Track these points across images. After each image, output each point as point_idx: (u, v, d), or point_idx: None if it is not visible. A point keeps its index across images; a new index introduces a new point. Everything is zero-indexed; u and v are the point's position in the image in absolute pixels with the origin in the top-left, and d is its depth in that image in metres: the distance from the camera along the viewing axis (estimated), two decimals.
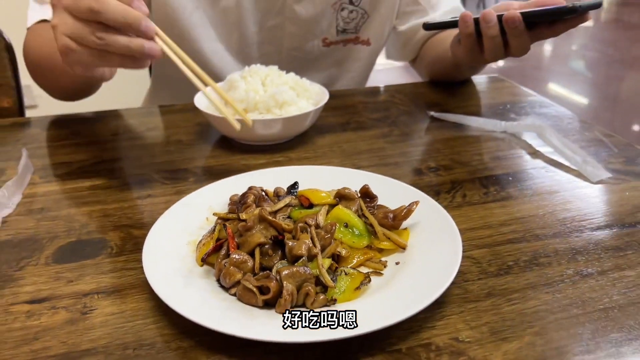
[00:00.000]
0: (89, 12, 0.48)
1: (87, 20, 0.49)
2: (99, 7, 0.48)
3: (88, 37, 0.49)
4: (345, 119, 0.78)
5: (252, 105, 0.66)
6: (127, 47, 0.50)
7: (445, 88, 0.90)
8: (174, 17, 0.83)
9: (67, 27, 0.50)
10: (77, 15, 0.49)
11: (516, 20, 0.63)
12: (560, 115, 0.78)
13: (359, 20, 0.91)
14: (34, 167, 0.63)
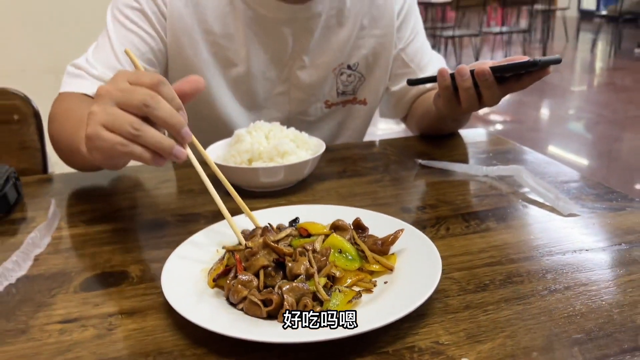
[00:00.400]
0: (142, 106, 0.50)
1: (129, 112, 0.51)
2: (153, 104, 0.50)
3: (125, 126, 0.51)
4: (342, 167, 0.86)
5: (257, 155, 0.74)
6: (160, 142, 0.51)
7: (433, 140, 0.98)
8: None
9: (105, 114, 0.51)
10: (126, 108, 0.51)
11: (486, 73, 0.73)
12: (538, 161, 0.86)
13: (357, 83, 1.01)
14: (60, 215, 0.71)
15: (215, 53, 0.92)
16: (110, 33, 0.86)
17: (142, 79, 0.52)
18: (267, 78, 0.95)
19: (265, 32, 0.91)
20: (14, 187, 0.74)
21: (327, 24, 0.94)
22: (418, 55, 1.03)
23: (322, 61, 0.96)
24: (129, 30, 0.86)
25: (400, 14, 1.00)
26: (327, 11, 0.93)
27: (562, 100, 5.14)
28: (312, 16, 0.92)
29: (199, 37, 0.90)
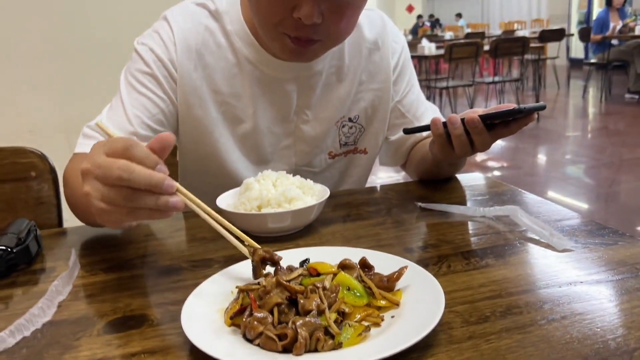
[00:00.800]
0: (119, 180, 0.53)
1: (116, 186, 0.55)
2: (127, 176, 0.53)
3: (119, 201, 0.55)
4: (346, 212, 0.90)
5: (266, 201, 0.78)
6: (155, 204, 0.55)
7: (432, 185, 1.02)
8: (202, 139, 0.97)
9: (99, 194, 0.56)
10: (107, 183, 0.55)
11: (475, 121, 0.79)
12: (532, 202, 0.90)
13: (357, 134, 1.06)
14: (79, 264, 0.74)
15: (223, 112, 0.97)
16: (123, 96, 0.91)
17: (115, 147, 0.55)
18: (273, 133, 1.00)
19: (270, 90, 0.97)
20: (35, 240, 0.78)
21: (328, 81, 1.00)
22: (414, 107, 1.09)
23: (324, 115, 1.02)
24: (140, 93, 0.91)
25: (396, 69, 1.07)
26: (327, 69, 1.00)
27: (558, 146, 5.23)
28: (313, 74, 0.98)
29: (208, 97, 0.95)
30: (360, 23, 1.02)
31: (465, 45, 5.79)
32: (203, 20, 0.95)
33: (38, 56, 1.93)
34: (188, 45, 0.93)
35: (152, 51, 0.93)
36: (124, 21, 1.96)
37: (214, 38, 0.95)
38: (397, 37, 1.08)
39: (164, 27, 0.94)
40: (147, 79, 0.92)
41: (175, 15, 0.95)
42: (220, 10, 0.95)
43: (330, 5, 0.79)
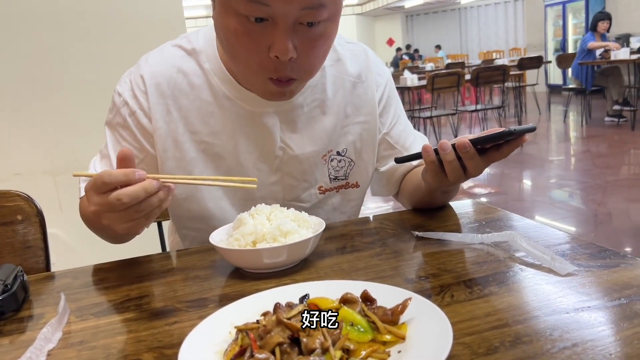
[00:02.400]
0: (123, 205, 0.68)
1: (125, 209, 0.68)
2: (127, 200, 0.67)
3: (134, 216, 0.69)
4: (342, 244, 0.88)
5: (261, 236, 0.77)
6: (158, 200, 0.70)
7: (426, 213, 1.01)
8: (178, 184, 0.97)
9: (116, 221, 0.71)
10: (116, 211, 0.69)
11: (466, 145, 0.78)
12: (528, 226, 0.89)
13: (347, 167, 1.05)
14: (69, 310, 0.71)
15: (203, 150, 0.97)
16: (109, 147, 0.97)
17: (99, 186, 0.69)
18: (259, 170, 0.99)
19: (251, 126, 0.96)
20: (21, 286, 0.75)
21: (311, 114, 1.00)
22: (402, 137, 1.09)
23: (310, 149, 1.00)
24: (121, 145, 0.96)
25: (381, 101, 1.07)
26: (309, 102, 0.99)
27: (542, 170, 5.29)
28: (294, 107, 0.98)
29: (185, 139, 0.96)
30: (343, 57, 1.03)
31: (447, 75, 5.89)
32: (177, 62, 0.96)
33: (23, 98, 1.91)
34: (160, 91, 0.94)
35: (126, 105, 0.95)
36: (108, 62, 1.96)
37: (187, 79, 0.95)
38: (381, 69, 1.09)
39: (136, 75, 0.96)
40: (125, 132, 0.97)
41: (149, 61, 0.97)
42: (197, 49, 0.96)
43: (302, 38, 0.81)
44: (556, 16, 11.95)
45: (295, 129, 0.99)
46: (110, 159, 0.96)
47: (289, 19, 0.78)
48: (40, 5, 1.87)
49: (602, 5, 10.58)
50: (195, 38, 0.97)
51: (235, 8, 0.78)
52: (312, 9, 0.78)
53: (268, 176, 1.00)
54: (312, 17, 0.79)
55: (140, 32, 1.99)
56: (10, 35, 1.85)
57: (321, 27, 0.82)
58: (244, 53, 0.83)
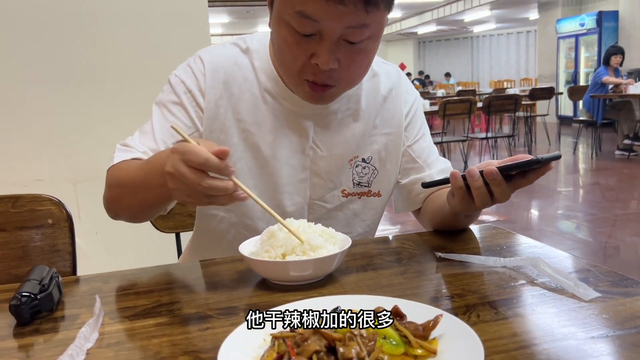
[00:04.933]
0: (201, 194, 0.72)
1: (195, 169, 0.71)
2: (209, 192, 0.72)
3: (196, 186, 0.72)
4: (365, 262, 0.90)
5: (290, 249, 0.79)
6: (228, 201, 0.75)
7: (446, 235, 1.03)
8: None
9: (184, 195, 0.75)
10: (189, 164, 0.71)
11: (494, 173, 0.81)
12: (549, 253, 0.91)
13: (371, 175, 1.10)
14: (104, 311, 0.73)
15: (245, 139, 1.03)
16: (154, 123, 1.01)
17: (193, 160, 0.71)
18: (291, 165, 1.05)
19: (289, 123, 1.04)
20: (57, 286, 0.78)
21: (344, 121, 1.07)
22: (425, 153, 1.13)
23: (338, 152, 1.07)
24: (169, 122, 1.00)
25: (408, 116, 1.13)
26: (343, 111, 1.06)
27: (552, 201, 5.29)
28: (329, 113, 1.05)
29: (231, 124, 1.02)
30: (378, 73, 1.11)
31: (459, 102, 5.94)
32: (234, 56, 1.04)
33: (48, 104, 1.96)
34: (217, 77, 1.02)
35: (183, 83, 1.02)
36: (133, 75, 2.01)
37: (242, 72, 1.03)
38: (410, 89, 1.16)
39: (196, 61, 1.04)
40: (176, 109, 1.01)
41: (210, 51, 1.06)
42: (251, 49, 1.05)
43: (345, 53, 0.89)
44: (568, 48, 12.04)
45: (327, 132, 1.06)
46: (153, 134, 0.99)
47: (334, 35, 0.86)
48: (70, 15, 1.93)
49: (615, 40, 10.67)
50: (250, 39, 1.07)
51: (288, 20, 0.86)
52: (357, 28, 0.86)
53: (297, 173, 1.06)
54: (355, 36, 0.87)
55: (165, 47, 2.04)
56: (37, 43, 1.91)
57: (363, 44, 0.89)
58: (289, 58, 0.91)
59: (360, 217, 1.12)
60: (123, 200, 0.95)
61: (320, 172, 1.06)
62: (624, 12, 10.61)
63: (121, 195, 0.95)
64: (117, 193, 0.96)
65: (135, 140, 1.00)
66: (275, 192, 1.05)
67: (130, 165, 0.93)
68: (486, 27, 18.09)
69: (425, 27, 17.13)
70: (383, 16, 0.88)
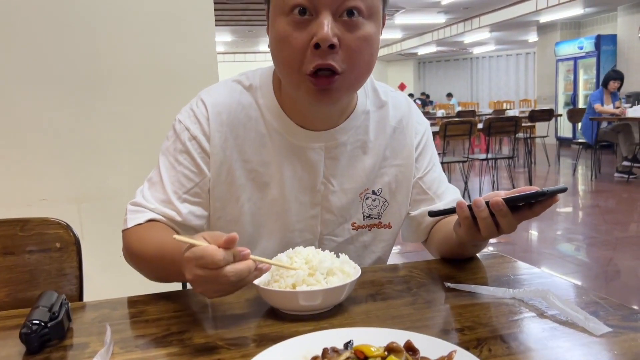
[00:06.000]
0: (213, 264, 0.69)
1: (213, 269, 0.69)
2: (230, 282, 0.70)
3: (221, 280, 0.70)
4: (374, 290, 0.90)
5: (300, 280, 0.79)
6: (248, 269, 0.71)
7: (454, 264, 1.04)
8: (229, 204, 1.03)
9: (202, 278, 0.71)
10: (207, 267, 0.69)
11: (500, 204, 0.82)
12: (558, 284, 0.91)
13: (381, 207, 1.09)
14: (113, 340, 0.73)
15: (252, 178, 1.03)
16: (162, 173, 1.01)
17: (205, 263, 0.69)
18: (301, 202, 1.04)
19: (297, 159, 1.03)
20: (66, 314, 0.78)
21: (353, 153, 1.06)
22: (435, 184, 1.13)
23: (349, 186, 1.06)
24: (177, 171, 1.00)
25: (418, 147, 1.12)
26: (352, 142, 1.05)
27: (552, 222, 5.28)
28: (338, 145, 1.04)
29: (237, 166, 1.02)
30: (386, 103, 1.10)
31: (459, 123, 5.98)
32: (236, 96, 1.03)
33: (54, 124, 1.96)
34: (220, 120, 1.01)
35: (187, 130, 1.01)
36: (140, 96, 2.03)
37: (245, 111, 1.02)
38: (421, 119, 1.15)
39: (199, 105, 1.03)
40: (182, 157, 1.01)
41: (211, 92, 1.04)
42: (254, 85, 1.04)
43: (343, 30, 0.87)
44: (567, 71, 12.14)
45: (338, 166, 1.05)
46: (163, 185, 0.99)
47: (330, 10, 0.86)
48: (79, 35, 1.95)
49: (613, 63, 10.77)
50: (252, 76, 1.06)
51: (282, 8, 0.87)
52: None
53: (308, 209, 1.05)
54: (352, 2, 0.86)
55: (172, 67, 2.06)
56: (43, 62, 1.92)
57: (360, 23, 0.88)
58: (289, 49, 0.88)
59: (371, 249, 1.12)
60: (143, 271, 0.98)
61: (332, 208, 1.06)
62: (622, 36, 10.73)
63: (140, 268, 0.97)
64: (136, 265, 0.98)
65: (146, 194, 1.00)
66: (285, 231, 1.05)
67: (147, 244, 0.94)
68: (486, 49, 18.27)
69: (425, 48, 17.29)
70: None
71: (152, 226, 0.96)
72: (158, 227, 0.96)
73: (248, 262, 0.71)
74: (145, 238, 0.94)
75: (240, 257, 0.71)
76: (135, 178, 1.20)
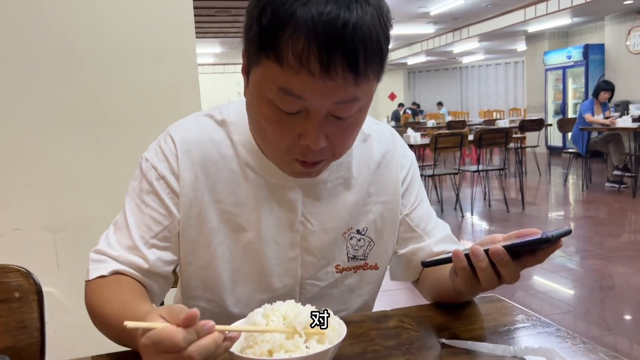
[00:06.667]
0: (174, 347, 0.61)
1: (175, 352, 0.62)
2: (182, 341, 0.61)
3: None
4: (362, 348, 0.82)
5: (278, 346, 0.71)
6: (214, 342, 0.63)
7: (449, 311, 0.96)
8: (200, 248, 0.94)
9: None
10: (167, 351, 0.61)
11: (500, 253, 0.75)
12: (563, 336, 0.84)
13: (367, 247, 1.02)
14: None
15: (225, 220, 0.94)
16: (128, 217, 0.92)
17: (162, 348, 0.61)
18: (279, 244, 0.96)
19: (274, 198, 0.95)
20: None
21: (334, 191, 0.98)
22: (423, 221, 1.05)
23: (331, 225, 0.98)
24: (144, 214, 0.92)
25: (404, 182, 1.05)
26: (332, 179, 0.98)
27: None
28: (317, 183, 0.96)
29: (209, 207, 0.93)
30: (370, 136, 1.03)
31: (450, 135, 5.93)
32: (208, 131, 0.95)
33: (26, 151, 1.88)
34: (191, 157, 0.93)
35: (154, 169, 0.93)
36: (117, 119, 1.94)
37: (218, 148, 0.94)
38: (406, 152, 1.08)
39: (167, 142, 0.95)
40: (149, 198, 0.92)
41: (181, 127, 0.96)
42: (227, 121, 0.96)
43: (333, 128, 0.80)
44: (556, 80, 12.19)
45: (317, 204, 0.97)
46: (129, 230, 0.91)
47: (322, 112, 0.77)
48: (51, 57, 1.86)
49: (602, 72, 10.82)
50: (226, 110, 0.97)
51: (269, 97, 0.78)
52: (346, 102, 0.77)
53: (287, 251, 0.97)
54: (345, 111, 0.79)
55: (152, 88, 1.98)
56: (17, 86, 1.84)
57: (352, 118, 0.82)
58: (274, 137, 0.82)
59: (357, 293, 1.04)
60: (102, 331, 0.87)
61: (312, 249, 0.98)
62: (609, 45, 10.79)
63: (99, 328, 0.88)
64: (95, 323, 0.88)
65: (110, 239, 0.92)
66: (262, 276, 0.97)
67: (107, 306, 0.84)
68: (475, 58, 18.34)
69: (415, 58, 17.32)
70: (372, 87, 0.80)
71: (116, 282, 0.87)
72: (122, 286, 0.87)
73: (213, 335, 0.63)
74: (106, 298, 0.85)
75: (205, 331, 0.63)
76: (113, 205, 1.11)
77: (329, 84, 0.73)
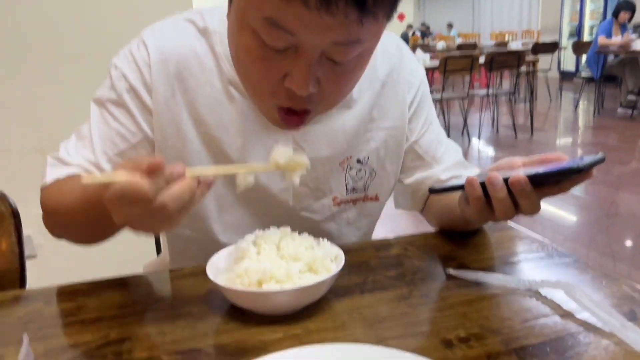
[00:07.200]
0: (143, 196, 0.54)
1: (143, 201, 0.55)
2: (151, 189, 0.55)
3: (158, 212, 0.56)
4: (361, 278, 0.75)
5: (268, 276, 0.64)
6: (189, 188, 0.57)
7: (456, 240, 0.88)
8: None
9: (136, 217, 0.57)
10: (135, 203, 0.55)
11: (522, 183, 0.64)
12: (581, 268, 0.76)
13: (367, 178, 0.92)
14: (34, 354, 0.59)
15: (208, 144, 0.84)
16: (92, 128, 0.81)
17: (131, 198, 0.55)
18: (268, 173, 0.86)
19: (262, 123, 0.83)
20: None
21: (330, 114, 0.85)
22: (432, 147, 0.95)
23: (327, 153, 0.87)
24: (110, 127, 0.81)
25: (412, 105, 0.93)
26: None
27: None
28: None
29: (189, 127, 0.83)
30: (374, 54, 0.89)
31: (460, 58, 5.69)
32: (188, 39, 0.82)
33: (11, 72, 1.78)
34: (166, 68, 0.81)
35: (124, 78, 0.81)
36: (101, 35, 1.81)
37: (199, 59, 0.82)
38: (415, 69, 0.94)
39: (140, 48, 0.82)
40: (117, 111, 0.81)
41: (156, 33, 0.83)
42: (210, 29, 0.82)
43: (327, 73, 0.68)
44: None
45: (312, 128, 0.85)
46: (92, 143, 0.80)
47: (315, 53, 0.65)
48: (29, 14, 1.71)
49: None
50: (209, 16, 0.83)
51: (253, 27, 0.65)
52: (346, 45, 0.65)
53: (277, 182, 0.87)
54: (343, 54, 0.66)
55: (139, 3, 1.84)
56: None
57: (351, 64, 0.69)
58: (254, 76, 0.71)
59: (355, 226, 0.95)
60: (68, 229, 0.81)
61: (305, 179, 0.85)
62: None
63: (64, 226, 0.80)
64: (58, 224, 0.81)
65: (70, 148, 0.81)
66: (250, 206, 0.88)
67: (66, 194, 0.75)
68: None
69: None
70: (380, 27, 0.67)
71: (74, 178, 0.77)
72: None
73: (186, 181, 0.57)
74: (66, 190, 0.75)
75: (175, 177, 0.56)
76: None
77: (327, 20, 0.60)
